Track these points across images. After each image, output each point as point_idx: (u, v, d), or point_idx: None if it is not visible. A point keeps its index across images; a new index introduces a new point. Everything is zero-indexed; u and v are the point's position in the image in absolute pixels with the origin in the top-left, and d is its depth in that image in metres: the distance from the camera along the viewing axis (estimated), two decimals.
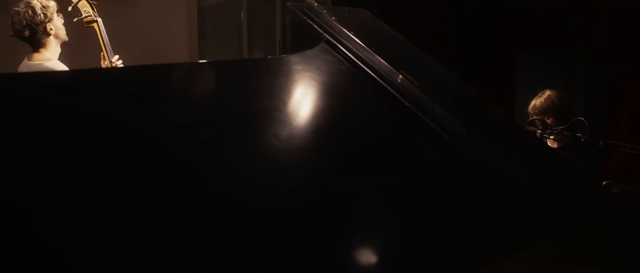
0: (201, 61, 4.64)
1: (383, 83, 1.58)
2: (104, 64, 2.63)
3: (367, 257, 1.18)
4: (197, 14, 4.80)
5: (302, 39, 5.57)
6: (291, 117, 1.45)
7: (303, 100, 1.53)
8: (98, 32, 2.60)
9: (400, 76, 1.56)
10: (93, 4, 2.58)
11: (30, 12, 2.40)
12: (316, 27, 1.78)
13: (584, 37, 5.29)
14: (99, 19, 2.58)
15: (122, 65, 2.64)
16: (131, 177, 1.08)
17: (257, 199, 1.16)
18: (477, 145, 1.44)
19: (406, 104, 1.52)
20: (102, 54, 2.63)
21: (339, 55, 1.69)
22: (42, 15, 2.42)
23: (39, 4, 2.44)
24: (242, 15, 5.08)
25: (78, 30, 2.67)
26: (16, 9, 2.43)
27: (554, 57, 5.22)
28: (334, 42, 1.70)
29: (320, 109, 1.55)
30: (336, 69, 1.68)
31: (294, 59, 1.65)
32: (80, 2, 2.54)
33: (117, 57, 2.62)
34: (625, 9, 5.06)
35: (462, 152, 1.45)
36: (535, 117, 2.55)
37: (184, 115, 1.31)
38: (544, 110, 2.54)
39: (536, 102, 2.61)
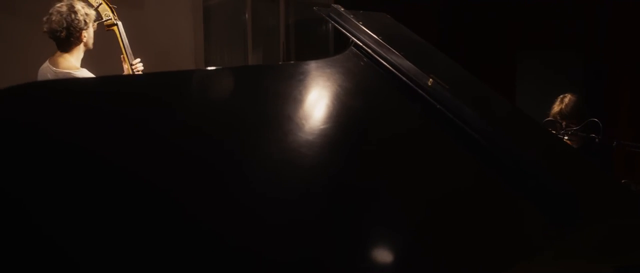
0: (228, 67, 4.65)
1: (414, 86, 1.62)
2: (125, 66, 2.65)
3: (391, 257, 1.22)
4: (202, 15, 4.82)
5: (306, 40, 5.60)
6: (323, 120, 1.48)
7: (335, 104, 1.57)
8: (118, 36, 2.63)
9: (430, 80, 1.61)
10: (113, 8, 2.61)
11: (72, 15, 2.40)
12: (344, 31, 1.82)
13: (582, 37, 5.36)
14: (119, 23, 2.61)
15: (142, 68, 2.66)
16: (155, 181, 1.12)
17: (280, 200, 1.19)
18: (508, 146, 1.49)
19: (438, 106, 1.56)
20: (122, 56, 2.65)
21: (368, 59, 1.73)
22: (83, 21, 2.43)
23: (82, 9, 2.46)
24: (246, 15, 5.10)
25: (98, 33, 2.69)
26: (59, 9, 2.42)
27: (552, 57, 5.29)
28: (363, 46, 1.74)
29: (352, 112, 1.59)
30: (366, 73, 1.72)
31: (325, 63, 1.68)
32: (100, 6, 2.57)
33: (138, 60, 2.64)
34: (624, 10, 5.14)
35: (492, 152, 1.50)
36: (557, 120, 2.59)
37: (210, 119, 1.34)
38: (571, 115, 2.57)
39: (561, 107, 2.64)
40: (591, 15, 5.30)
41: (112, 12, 2.60)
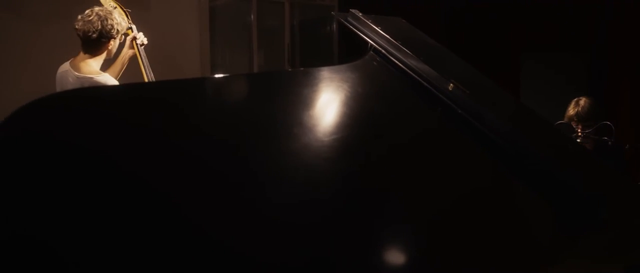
0: (252, 73, 4.66)
1: (435, 91, 1.64)
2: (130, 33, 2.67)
3: (405, 260, 1.24)
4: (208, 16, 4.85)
5: (311, 41, 5.63)
6: (345, 124, 1.50)
7: (357, 108, 1.58)
8: (134, 40, 2.65)
9: (451, 84, 1.63)
10: (128, 12, 2.63)
11: (108, 21, 2.43)
12: (362, 36, 1.82)
13: (584, 38, 5.40)
14: (134, 26, 2.64)
15: (145, 40, 2.68)
16: (176, 188, 1.13)
17: (298, 204, 1.21)
18: (531, 150, 1.51)
19: (459, 111, 1.58)
20: (135, 52, 2.65)
21: (387, 64, 1.74)
22: (115, 30, 2.46)
23: (118, 18, 2.50)
24: (252, 17, 5.13)
25: None
26: (98, 12, 2.45)
27: (554, 58, 5.32)
28: (382, 51, 1.75)
29: (374, 116, 1.61)
30: (386, 77, 1.74)
31: (347, 68, 1.69)
32: (115, 10, 2.58)
33: (141, 34, 2.67)
34: (625, 11, 5.18)
35: (515, 156, 1.52)
36: (572, 122, 2.62)
37: (233, 126, 1.36)
38: (588, 117, 2.60)
39: (577, 109, 2.66)
40: (593, 17, 5.33)
41: (127, 16, 2.62)
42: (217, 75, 3.04)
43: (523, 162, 1.52)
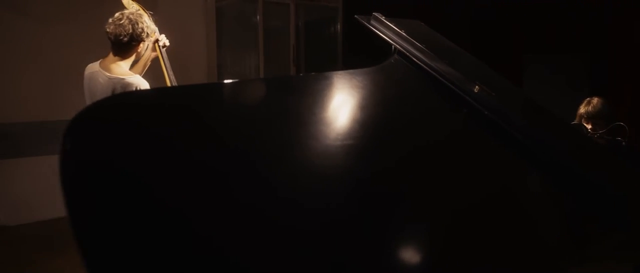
0: (280, 76, 4.62)
1: (461, 93, 1.67)
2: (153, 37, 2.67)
3: (420, 262, 1.25)
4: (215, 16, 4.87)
5: (316, 41, 5.65)
6: (370, 127, 1.52)
7: (385, 110, 1.61)
8: (157, 45, 2.67)
9: (476, 87, 1.66)
10: (150, 14, 2.65)
11: (139, 24, 2.46)
12: (386, 38, 1.84)
13: (585, 40, 5.45)
14: (156, 28, 2.66)
15: (167, 42, 2.70)
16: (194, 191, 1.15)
17: (316, 207, 1.22)
18: (559, 151, 1.55)
19: (485, 112, 1.62)
20: (153, 36, 2.66)
21: (413, 67, 1.77)
22: (146, 33, 2.49)
23: (147, 21, 2.53)
24: (258, 17, 5.16)
25: None
26: (129, 15, 2.48)
27: (556, 60, 5.37)
28: (407, 54, 1.77)
29: (401, 119, 1.63)
30: (411, 80, 1.76)
31: (373, 71, 1.71)
32: (138, 12, 2.60)
33: (163, 35, 2.70)
34: (626, 13, 5.23)
35: (541, 156, 1.56)
36: (583, 120, 2.66)
37: (259, 126, 1.37)
38: (598, 115, 2.65)
39: (588, 108, 2.71)
40: (594, 19, 5.38)
41: (149, 19, 2.64)
42: (250, 79, 3.02)
43: (549, 162, 1.55)
